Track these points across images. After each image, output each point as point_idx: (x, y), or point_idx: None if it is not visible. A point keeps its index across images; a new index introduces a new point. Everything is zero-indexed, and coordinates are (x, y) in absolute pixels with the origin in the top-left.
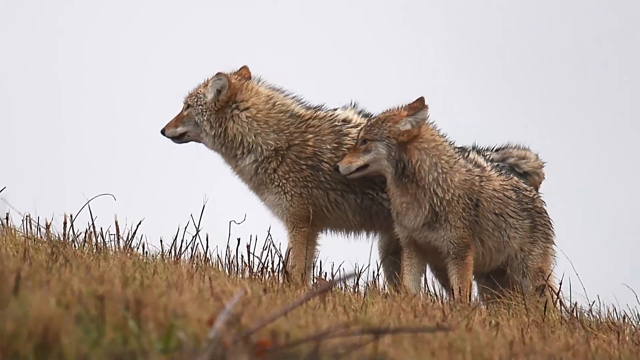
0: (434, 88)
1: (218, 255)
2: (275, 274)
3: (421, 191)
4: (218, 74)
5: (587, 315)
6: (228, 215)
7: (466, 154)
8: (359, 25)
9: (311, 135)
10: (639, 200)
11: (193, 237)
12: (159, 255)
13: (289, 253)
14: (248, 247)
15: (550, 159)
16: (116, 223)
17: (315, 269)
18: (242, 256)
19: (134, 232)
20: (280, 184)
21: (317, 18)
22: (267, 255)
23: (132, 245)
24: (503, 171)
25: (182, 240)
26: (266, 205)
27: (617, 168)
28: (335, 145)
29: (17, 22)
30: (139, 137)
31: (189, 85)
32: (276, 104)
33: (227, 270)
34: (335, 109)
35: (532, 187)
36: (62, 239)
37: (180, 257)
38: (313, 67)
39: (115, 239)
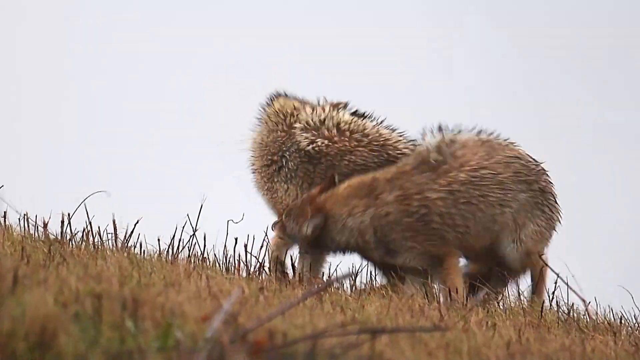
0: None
1: (215, 255)
2: (272, 273)
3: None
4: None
5: (583, 317)
6: (225, 214)
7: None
8: (367, 23)
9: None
10: (636, 200)
11: (190, 236)
12: (157, 254)
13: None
14: (245, 246)
15: (547, 159)
16: (114, 222)
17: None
18: (240, 255)
19: (132, 231)
20: None
21: (322, 16)
22: (265, 254)
23: (130, 244)
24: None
25: (180, 240)
26: None
27: (613, 168)
28: None
29: (14, 23)
30: (137, 136)
31: (187, 84)
32: None
33: (224, 270)
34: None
35: (541, 164)
36: (59, 237)
37: (177, 256)
38: (314, 64)
39: (113, 237)
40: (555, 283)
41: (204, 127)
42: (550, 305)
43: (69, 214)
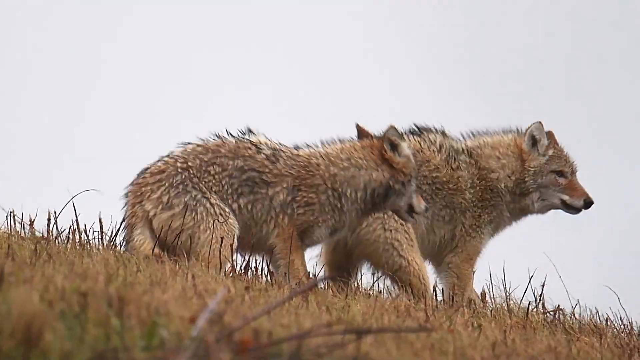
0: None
1: None
2: (259, 272)
3: None
4: None
5: (570, 318)
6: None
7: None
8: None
9: None
10: (621, 200)
11: (177, 235)
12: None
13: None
14: (231, 246)
15: None
16: (100, 220)
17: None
18: (226, 255)
19: (118, 229)
20: None
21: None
22: (250, 254)
23: (116, 243)
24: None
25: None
26: None
27: (598, 168)
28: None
29: (12, 22)
30: (125, 134)
31: (182, 83)
32: None
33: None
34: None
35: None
36: (45, 235)
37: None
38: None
39: (99, 235)
40: (543, 286)
41: (194, 126)
42: (537, 306)
43: (55, 212)
